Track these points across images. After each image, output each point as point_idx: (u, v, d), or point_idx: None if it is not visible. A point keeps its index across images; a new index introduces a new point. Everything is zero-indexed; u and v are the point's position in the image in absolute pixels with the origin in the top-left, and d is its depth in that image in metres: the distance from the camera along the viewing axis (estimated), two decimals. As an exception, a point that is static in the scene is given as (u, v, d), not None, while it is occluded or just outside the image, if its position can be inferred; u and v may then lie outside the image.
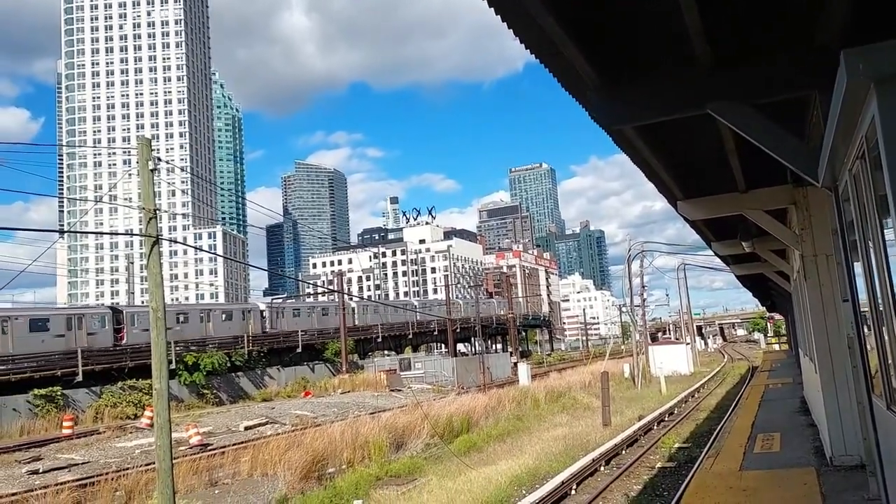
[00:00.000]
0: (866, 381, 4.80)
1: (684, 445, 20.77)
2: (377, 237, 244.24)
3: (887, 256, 3.42)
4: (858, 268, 4.61)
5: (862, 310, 4.78)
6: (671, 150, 8.62)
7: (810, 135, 7.34)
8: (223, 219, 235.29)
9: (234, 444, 24.63)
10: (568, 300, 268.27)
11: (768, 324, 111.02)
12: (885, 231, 3.38)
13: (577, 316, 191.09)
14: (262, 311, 62.19)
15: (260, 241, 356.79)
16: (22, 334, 41.74)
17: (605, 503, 14.81)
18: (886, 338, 3.73)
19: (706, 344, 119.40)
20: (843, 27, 4.78)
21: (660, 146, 8.07)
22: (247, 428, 30.82)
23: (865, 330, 4.75)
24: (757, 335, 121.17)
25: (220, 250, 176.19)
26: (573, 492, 15.95)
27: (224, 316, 58.34)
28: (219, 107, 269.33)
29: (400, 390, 47.14)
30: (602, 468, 18.47)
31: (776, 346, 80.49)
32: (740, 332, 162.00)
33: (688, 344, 64.78)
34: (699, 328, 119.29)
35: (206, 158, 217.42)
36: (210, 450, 24.40)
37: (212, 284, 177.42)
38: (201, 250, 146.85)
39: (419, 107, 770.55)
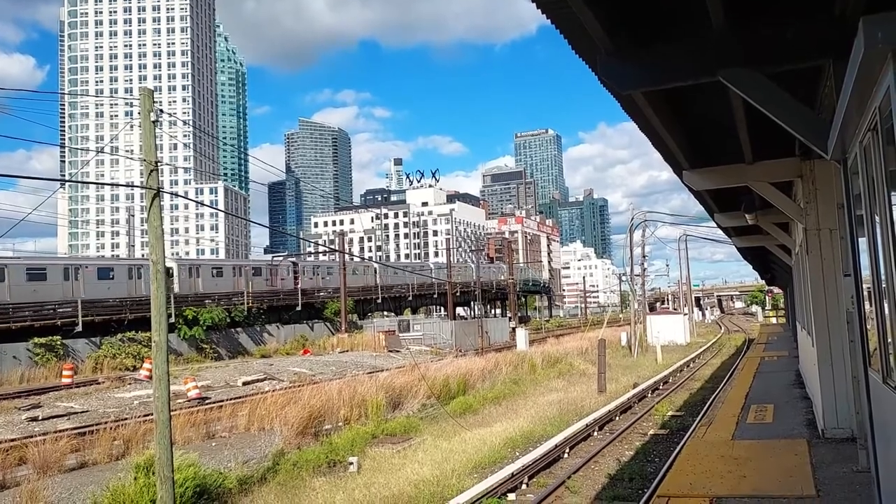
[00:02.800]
0: (864, 354, 4.80)
1: (677, 414, 21.00)
2: (380, 198, 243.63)
3: (894, 232, 3.38)
4: (863, 243, 4.58)
5: (864, 285, 4.76)
6: (680, 119, 8.51)
7: (821, 106, 7.24)
8: (225, 174, 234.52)
9: (231, 399, 24.88)
10: (568, 267, 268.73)
11: (767, 297, 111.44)
12: (894, 206, 3.33)
13: (577, 283, 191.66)
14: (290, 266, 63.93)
15: (262, 198, 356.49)
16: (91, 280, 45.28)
17: (597, 467, 15.01)
18: (887, 313, 3.71)
19: (704, 315, 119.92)
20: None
21: (669, 114, 7.96)
22: (245, 383, 31.12)
23: (867, 305, 4.74)
24: (755, 308, 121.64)
25: (221, 206, 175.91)
26: (566, 455, 16.17)
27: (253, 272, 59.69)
28: (223, 60, 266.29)
29: (398, 351, 47.52)
30: (595, 433, 18.70)
31: (773, 320, 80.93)
32: (738, 304, 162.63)
33: (685, 314, 65.06)
34: (697, 299, 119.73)
35: (209, 113, 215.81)
36: (208, 403, 24.65)
37: (212, 240, 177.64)
38: (203, 205, 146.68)
39: (429, 67, 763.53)
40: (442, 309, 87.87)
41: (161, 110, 12.41)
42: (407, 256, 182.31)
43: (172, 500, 11.83)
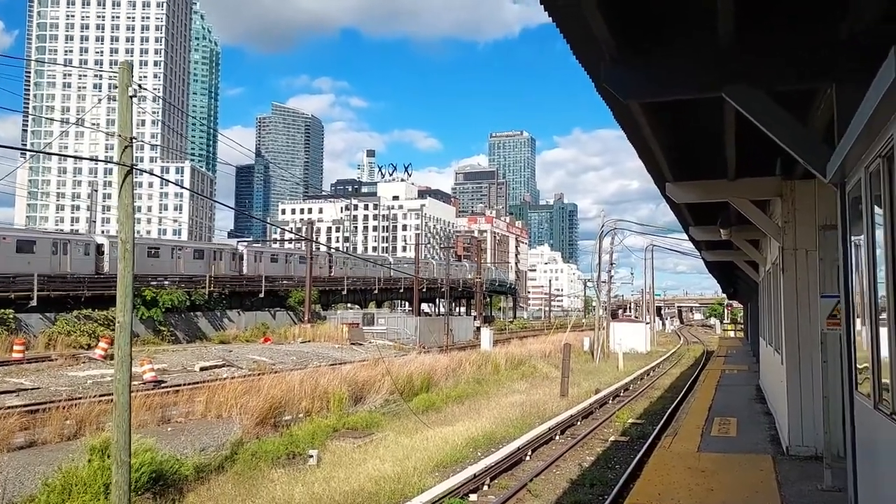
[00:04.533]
0: (851, 377, 4.82)
1: (638, 421, 21.21)
2: (350, 189, 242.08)
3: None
4: (858, 266, 4.59)
5: (855, 307, 4.78)
6: (670, 130, 8.53)
7: (813, 125, 7.30)
8: (192, 155, 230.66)
9: (188, 384, 24.39)
10: (535, 270, 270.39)
11: (726, 311, 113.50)
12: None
13: (543, 286, 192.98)
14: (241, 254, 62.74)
15: (229, 181, 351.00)
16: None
17: (559, 471, 15.06)
18: (885, 339, 3.71)
19: (664, 325, 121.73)
20: (872, 22, 4.68)
21: (661, 125, 7.96)
22: (202, 369, 30.59)
23: (857, 328, 4.76)
24: (713, 321, 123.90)
25: (186, 186, 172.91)
26: (528, 458, 16.20)
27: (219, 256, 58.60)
28: (197, 38, 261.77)
29: (361, 344, 47.23)
30: (557, 437, 18.78)
31: (731, 333, 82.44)
32: (697, 316, 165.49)
33: (647, 323, 65.92)
34: (658, 309, 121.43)
35: (180, 90, 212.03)
36: (164, 387, 24.15)
37: (175, 221, 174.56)
38: (174, 184, 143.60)
39: (410, 60, 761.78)
40: (407, 304, 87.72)
41: (140, 86, 12.05)
42: (374, 249, 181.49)
43: (128, 485, 11.52)
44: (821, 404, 8.48)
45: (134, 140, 12.08)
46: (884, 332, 3.86)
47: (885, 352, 3.82)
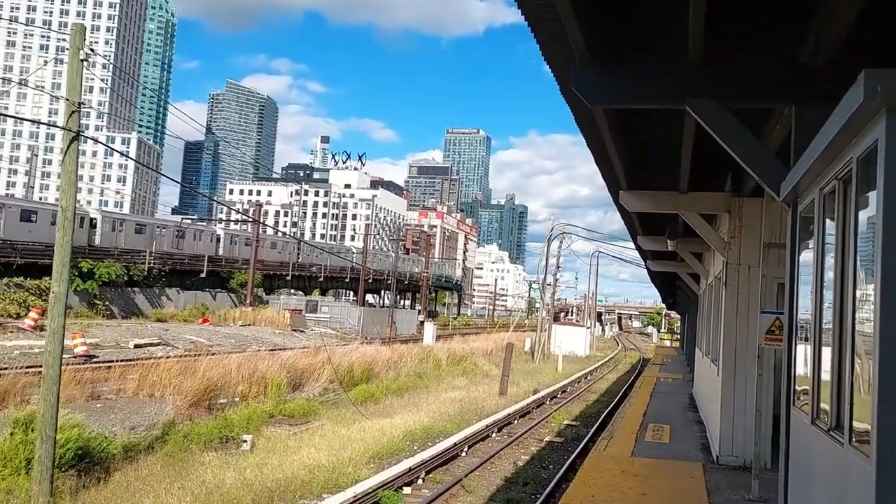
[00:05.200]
0: (789, 393, 4.96)
1: (573, 423, 21.54)
2: (302, 174, 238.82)
3: (855, 279, 3.47)
4: (805, 285, 4.72)
5: (799, 326, 4.92)
6: (632, 140, 8.65)
7: (769, 144, 7.50)
8: (140, 126, 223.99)
9: (121, 361, 23.65)
10: (482, 268, 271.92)
11: (664, 320, 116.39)
12: (858, 255, 3.42)
13: (488, 285, 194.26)
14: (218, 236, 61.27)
15: (177, 156, 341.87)
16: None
17: (493, 468, 15.16)
18: (830, 360, 3.82)
19: (603, 330, 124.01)
20: (832, 48, 4.82)
21: (623, 133, 8.07)
22: (137, 346, 29.86)
23: (799, 345, 4.90)
24: (651, 329, 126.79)
25: (133, 157, 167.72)
26: (464, 454, 16.25)
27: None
28: (153, 7, 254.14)
29: (303, 331, 46.70)
30: (494, 435, 18.91)
31: (668, 343, 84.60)
32: (636, 324, 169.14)
33: (588, 328, 67.05)
34: (599, 314, 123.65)
35: (132, 59, 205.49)
36: (95, 362, 23.43)
37: (118, 192, 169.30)
38: (121, 153, 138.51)
39: (372, 49, 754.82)
40: (352, 294, 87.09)
41: (92, 50, 11.58)
42: (323, 237, 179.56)
43: (51, 460, 11.12)
44: (753, 417, 8.73)
45: (82, 105, 11.62)
46: (826, 351, 3.97)
47: (826, 369, 3.93)
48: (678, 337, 70.62)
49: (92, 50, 11.83)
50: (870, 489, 2.81)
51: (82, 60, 11.43)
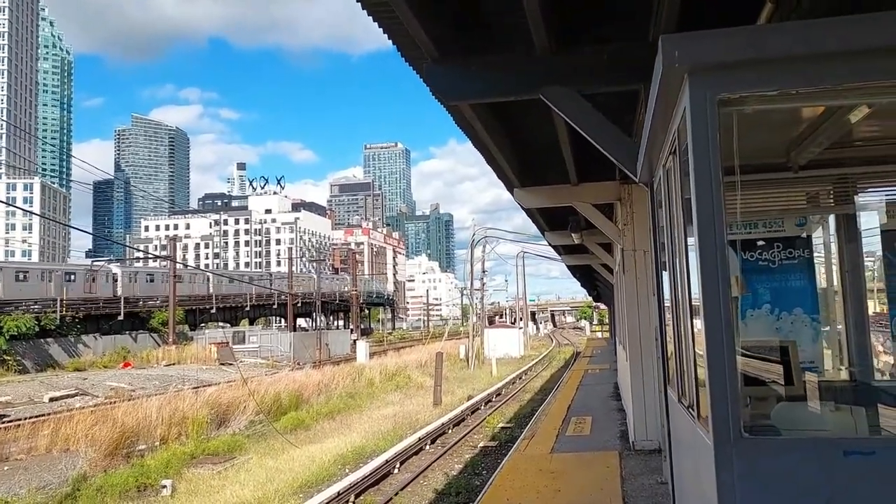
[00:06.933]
0: (664, 372, 4.96)
1: (507, 425, 21.52)
2: (220, 203, 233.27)
3: (686, 256, 3.44)
4: (665, 265, 4.72)
5: (665, 305, 4.93)
6: (510, 136, 8.63)
7: (637, 131, 7.59)
8: (44, 170, 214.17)
9: (34, 417, 22.46)
10: (413, 280, 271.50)
11: (594, 313, 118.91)
12: (689, 233, 3.39)
13: (421, 296, 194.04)
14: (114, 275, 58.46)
15: (86, 197, 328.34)
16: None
17: (426, 482, 14.93)
18: (683, 337, 3.79)
19: (538, 329, 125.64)
20: (676, 24, 4.85)
21: (498, 130, 8.03)
22: (52, 399, 28.41)
23: (666, 325, 4.90)
24: (584, 323, 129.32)
25: (37, 204, 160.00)
26: (396, 470, 15.97)
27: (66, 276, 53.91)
28: (46, 46, 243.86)
29: (231, 364, 45.28)
30: (427, 447, 18.68)
31: (599, 334, 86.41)
32: (570, 319, 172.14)
33: (520, 328, 67.69)
34: (533, 314, 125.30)
35: (27, 102, 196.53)
36: (5, 421, 22.16)
37: (24, 241, 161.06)
38: (6, 203, 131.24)
39: (282, 71, 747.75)
40: (282, 320, 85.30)
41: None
42: (247, 265, 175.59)
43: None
44: (658, 398, 8.81)
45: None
46: (681, 330, 3.95)
47: (682, 348, 3.91)
48: (608, 328, 72.21)
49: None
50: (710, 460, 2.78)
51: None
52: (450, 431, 21.20)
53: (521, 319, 77.01)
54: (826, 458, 2.77)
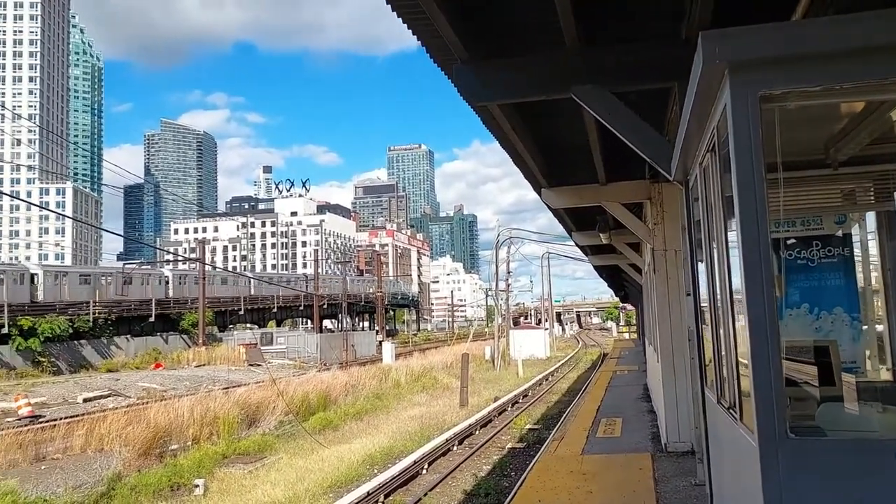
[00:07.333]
0: (701, 373, 4.90)
1: (535, 427, 21.41)
2: (247, 206, 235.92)
3: (728, 254, 3.40)
4: (701, 264, 4.68)
5: (702, 305, 4.87)
6: (539, 136, 8.60)
7: (669, 129, 7.52)
8: (76, 175, 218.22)
9: (68, 417, 22.89)
10: (437, 282, 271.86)
11: (621, 313, 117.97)
12: (729, 231, 3.35)
13: (446, 298, 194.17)
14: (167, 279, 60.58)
15: (117, 201, 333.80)
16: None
17: (454, 482, 14.90)
18: (722, 336, 3.75)
19: (563, 330, 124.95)
20: (708, 21, 4.80)
21: (528, 130, 8.00)
22: (86, 400, 28.89)
23: (703, 325, 4.84)
24: (610, 324, 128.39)
25: (69, 208, 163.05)
26: (424, 471, 15.96)
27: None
28: (77, 53, 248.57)
29: (259, 365, 45.75)
30: (455, 448, 18.64)
31: (626, 335, 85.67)
32: (595, 320, 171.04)
33: (546, 329, 67.38)
34: (558, 314, 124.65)
35: (59, 108, 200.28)
36: (41, 422, 22.59)
37: (58, 244, 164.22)
38: (40, 207, 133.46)
39: (308, 74, 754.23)
40: (309, 321, 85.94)
41: (2, 104, 11.06)
42: (274, 267, 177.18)
43: (-20, 535, 10.47)
44: (692, 400, 8.73)
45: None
46: (721, 330, 3.90)
47: (722, 348, 3.86)
48: (635, 328, 71.59)
49: (2, 104, 11.32)
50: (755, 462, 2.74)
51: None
52: (477, 433, 21.15)
53: (546, 320, 76.64)
54: (875, 460, 2.72)
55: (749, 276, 2.77)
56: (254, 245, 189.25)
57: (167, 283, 62.56)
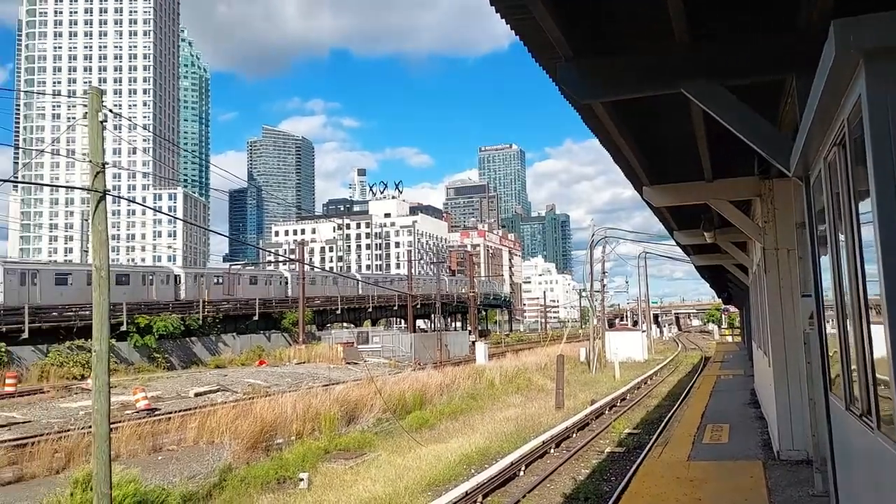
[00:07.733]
0: (825, 378, 4.65)
1: (634, 431, 20.88)
2: (342, 208, 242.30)
3: (861, 251, 3.21)
4: (825, 262, 4.44)
5: (826, 305, 4.62)
6: (641, 133, 8.40)
7: (782, 122, 7.18)
8: (185, 181, 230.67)
9: (182, 410, 24.17)
10: (530, 282, 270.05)
11: (723, 315, 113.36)
12: (861, 225, 3.16)
13: (538, 298, 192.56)
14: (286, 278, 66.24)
15: (222, 205, 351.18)
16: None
17: (552, 485, 14.75)
18: (851, 336, 3.54)
19: (661, 332, 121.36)
20: (828, 10, 4.56)
21: (630, 127, 7.83)
22: (197, 394, 30.35)
23: (828, 327, 4.59)
24: (711, 326, 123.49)
25: (180, 212, 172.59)
26: (522, 473, 15.88)
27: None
28: (185, 66, 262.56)
29: (356, 363, 46.91)
30: (552, 450, 18.46)
31: (729, 338, 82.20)
32: (695, 322, 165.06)
33: (644, 331, 65.65)
34: (656, 316, 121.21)
35: (170, 118, 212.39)
36: (157, 415, 23.92)
37: (170, 247, 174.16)
38: (155, 210, 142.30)
39: (400, 78, 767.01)
40: (402, 321, 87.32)
41: (110, 111, 11.89)
42: (368, 267, 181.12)
43: (109, 517, 11.25)
44: (807, 406, 8.29)
45: (106, 166, 11.91)
46: (851, 331, 3.69)
47: (853, 351, 3.65)
48: (739, 331, 68.60)
49: (111, 111, 12.16)
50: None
51: (101, 122, 11.72)
52: (574, 436, 20.85)
53: (643, 322, 74.65)
54: None
55: (889, 275, 2.61)
56: (349, 246, 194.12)
57: (286, 283, 66.82)
